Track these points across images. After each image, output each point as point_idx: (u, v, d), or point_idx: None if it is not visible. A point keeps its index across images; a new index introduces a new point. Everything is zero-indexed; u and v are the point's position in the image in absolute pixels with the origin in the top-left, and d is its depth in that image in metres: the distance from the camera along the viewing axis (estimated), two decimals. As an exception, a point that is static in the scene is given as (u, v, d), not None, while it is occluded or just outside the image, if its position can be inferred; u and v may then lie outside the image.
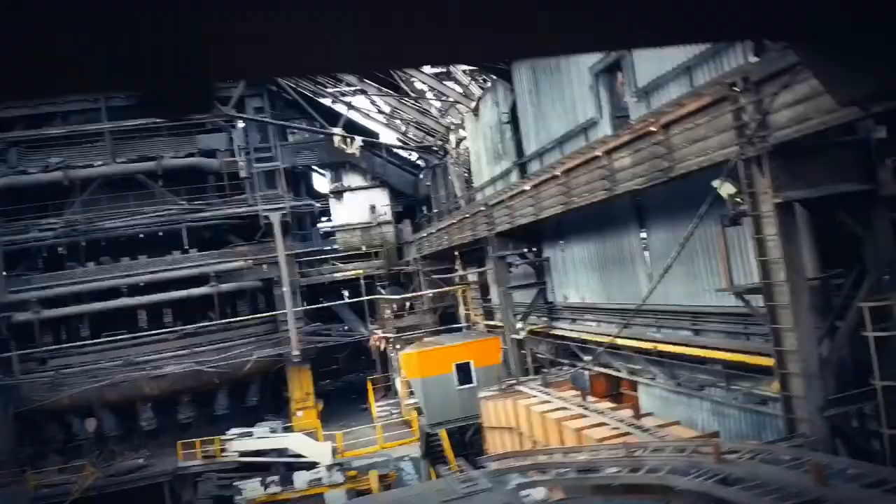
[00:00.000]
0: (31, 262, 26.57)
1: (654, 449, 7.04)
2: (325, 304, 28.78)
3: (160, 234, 27.03)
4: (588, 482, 6.62)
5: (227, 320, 26.83)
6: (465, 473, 7.96)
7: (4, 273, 25.67)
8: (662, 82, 10.77)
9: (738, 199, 8.36)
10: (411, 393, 25.20)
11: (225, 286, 26.58)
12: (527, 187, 13.55)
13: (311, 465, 23.54)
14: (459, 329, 26.38)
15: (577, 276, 14.89)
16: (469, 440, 23.38)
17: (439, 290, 25.59)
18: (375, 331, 27.94)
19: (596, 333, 14.21)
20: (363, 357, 38.11)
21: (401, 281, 29.58)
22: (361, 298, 28.53)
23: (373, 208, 30.31)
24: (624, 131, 10.14)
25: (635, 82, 11.39)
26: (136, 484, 24.93)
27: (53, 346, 25.59)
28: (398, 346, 26.54)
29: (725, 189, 8.27)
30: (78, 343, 25.55)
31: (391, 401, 27.76)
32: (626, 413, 10.17)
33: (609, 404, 11.11)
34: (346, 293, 31.18)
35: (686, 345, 11.14)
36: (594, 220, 13.47)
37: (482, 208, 16.95)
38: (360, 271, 28.94)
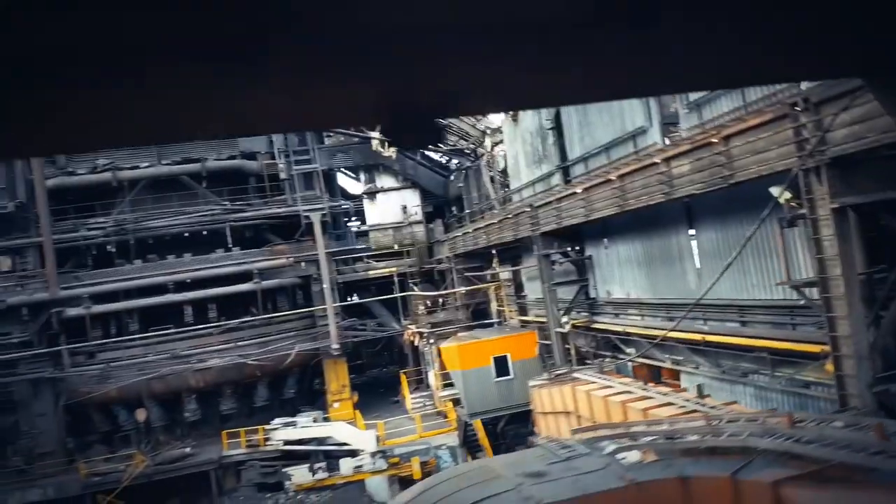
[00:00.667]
0: (80, 259, 27.73)
1: (729, 420, 8.17)
2: (361, 301, 29.94)
3: (204, 232, 28.21)
4: (677, 446, 7.74)
5: (269, 315, 27.98)
6: (560, 440, 9.05)
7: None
8: (714, 96, 11.88)
9: (794, 204, 9.50)
10: (445, 385, 26.38)
11: (267, 283, 27.71)
12: (578, 190, 14.65)
13: (351, 453, 24.71)
14: (491, 324, 27.53)
15: (621, 272, 16.00)
16: (501, 431, 24.57)
17: (473, 287, 26.69)
18: (409, 326, 29.06)
19: (641, 326, 15.34)
20: (385, 353, 39.33)
21: (433, 278, 30.71)
22: (395, 295, 29.68)
23: (404, 208, 31.47)
24: (683, 141, 11.26)
25: (687, 95, 12.50)
26: (182, 472, 26.13)
27: (103, 341, 26.74)
28: (431, 341, 27.69)
29: (783, 195, 9.41)
30: (126, 337, 26.70)
31: (423, 393, 28.88)
32: (688, 395, 11.29)
33: (667, 388, 12.23)
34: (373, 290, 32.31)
35: (734, 335, 12.26)
36: (641, 221, 14.56)
37: (527, 209, 18.04)
38: (393, 269, 30.10)
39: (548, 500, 6.97)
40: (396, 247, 31.02)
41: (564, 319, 17.00)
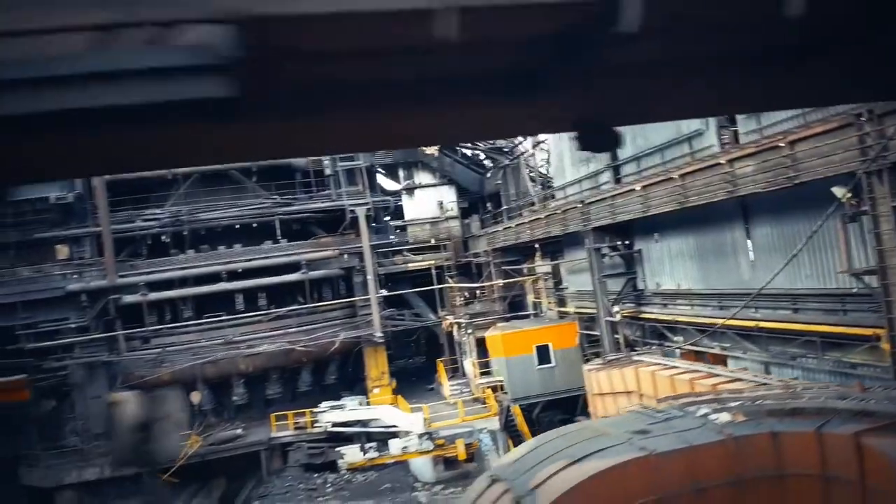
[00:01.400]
0: (136, 248, 29.02)
1: (804, 388, 9.43)
2: (401, 292, 31.22)
3: (254, 225, 29.51)
4: (763, 408, 8.99)
5: (315, 304, 29.28)
6: (653, 406, 10.27)
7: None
8: (772, 104, 13.08)
9: (853, 202, 10.75)
10: (483, 372, 27.66)
11: (313, 273, 29.00)
12: (637, 187, 15.88)
13: (393, 435, 26.03)
14: (527, 316, 28.82)
15: (672, 265, 17.24)
16: (536, 417, 25.86)
17: (513, 279, 27.95)
18: (446, 317, 30.33)
19: (691, 315, 16.58)
20: (412, 344, 40.63)
21: (471, 271, 31.98)
22: (434, 287, 30.97)
23: (441, 204, 32.74)
24: (749, 144, 12.49)
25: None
26: (233, 452, 27.49)
27: (158, 326, 28.05)
28: (469, 331, 28.98)
29: (844, 194, 10.67)
30: (181, 323, 28.01)
31: (460, 381, 30.15)
32: (752, 374, 12.54)
33: (729, 368, 13.49)
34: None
35: (786, 321, 13.49)
36: (694, 217, 15.77)
37: (578, 205, 19.27)
38: (431, 262, 31.39)
39: (661, 450, 8.23)
40: (433, 241, 32.29)
41: (616, 309, 18.24)
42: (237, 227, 29.35)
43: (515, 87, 4.27)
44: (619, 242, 18.70)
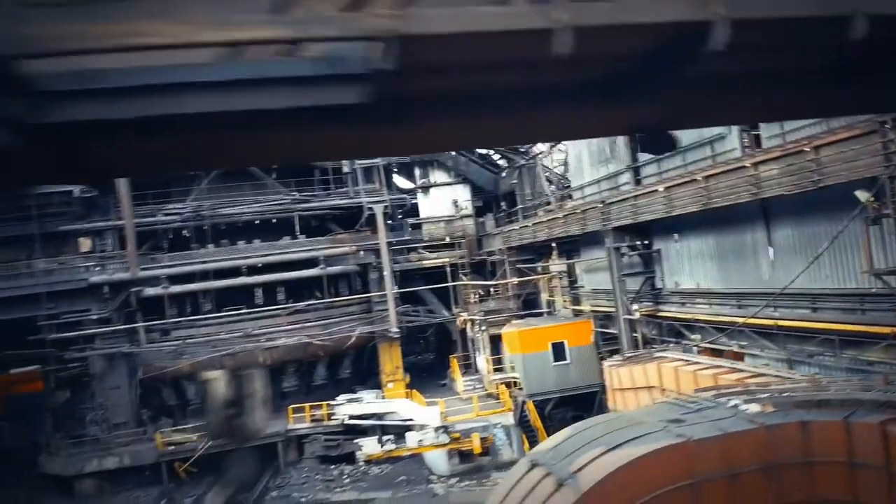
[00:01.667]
0: (157, 241, 29.53)
1: (829, 382, 9.89)
2: (415, 288, 31.72)
3: (273, 220, 30.02)
4: (792, 399, 9.45)
5: (332, 299, 29.79)
6: (684, 397, 10.72)
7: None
8: (795, 110, 13.55)
9: (875, 206, 11.21)
10: (496, 369, 28.16)
11: (331, 269, 29.49)
12: (660, 188, 16.34)
13: (408, 428, 26.54)
14: (541, 314, 29.29)
15: (691, 265, 17.71)
16: (548, 413, 26.34)
17: (527, 278, 28.42)
18: (461, 314, 30.81)
19: (709, 314, 17.05)
20: (420, 341, 41.14)
21: (486, 269, 32.47)
22: (448, 284, 31.47)
23: (455, 203, 33.23)
24: (774, 148, 12.96)
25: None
26: (251, 443, 27.95)
27: (179, 319, 28.56)
28: (483, 328, 29.46)
29: (866, 197, 11.13)
30: (202, 316, 28.52)
31: (473, 377, 30.62)
32: (775, 370, 13.01)
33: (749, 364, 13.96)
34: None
35: (805, 320, 13.95)
36: (714, 218, 16.22)
37: (599, 205, 19.74)
38: (446, 259, 31.87)
39: (697, 437, 8.70)
40: (448, 239, 32.77)
41: (635, 307, 18.70)
42: (257, 222, 29.86)
43: (601, 95, 4.77)
44: (638, 242, 19.15)
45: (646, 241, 19.28)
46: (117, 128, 3.96)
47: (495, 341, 28.98)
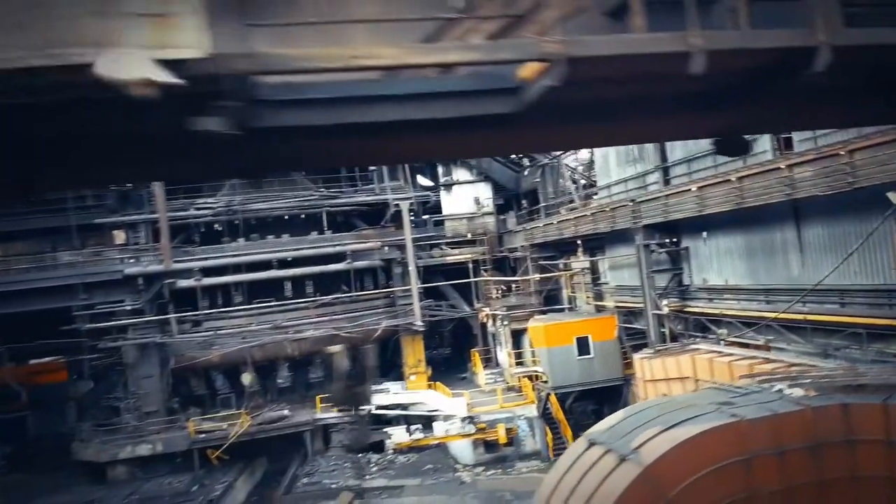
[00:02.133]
0: (189, 235, 30.32)
1: (865, 369, 10.63)
2: (438, 284, 32.47)
3: (302, 216, 30.81)
4: (832, 384, 10.20)
5: (358, 293, 30.57)
6: (726, 384, 11.46)
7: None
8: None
9: (907, 206, 11.94)
10: (519, 363, 28.90)
11: (358, 263, 30.27)
12: (693, 188, 17.06)
13: (430, 419, 27.34)
14: (562, 309, 30.01)
15: (720, 262, 18.44)
16: (569, 407, 27.08)
17: (550, 274, 29.15)
18: (483, 309, 31.56)
19: (737, 309, 17.77)
20: (435, 336, 41.83)
21: (509, 265, 33.23)
22: (470, 280, 32.23)
23: (477, 200, 33.99)
24: (808, 151, 13.69)
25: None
26: (281, 432, 28.78)
27: (210, 310, 29.34)
28: (505, 323, 30.19)
29: (897, 198, 11.86)
30: (233, 308, 29.31)
31: (494, 370, 31.36)
32: (808, 360, 13.74)
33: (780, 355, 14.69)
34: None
35: (834, 315, 14.67)
36: (743, 217, 16.93)
37: (629, 203, 20.46)
38: (468, 256, 32.65)
39: (750, 417, 9.44)
40: (469, 235, 33.54)
41: (665, 303, 19.44)
42: (286, 217, 30.65)
43: (703, 103, 5.55)
44: (667, 240, 19.86)
45: (674, 239, 19.99)
46: (314, 132, 4.72)
47: (516, 336, 29.74)
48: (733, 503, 9.35)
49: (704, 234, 18.84)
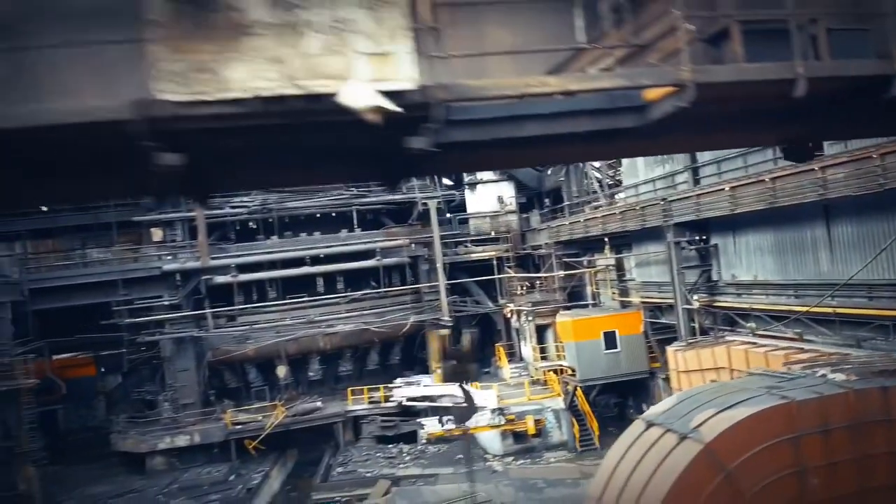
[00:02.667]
0: (224, 232, 31.28)
1: (899, 357, 11.54)
2: (463, 280, 33.40)
3: (333, 214, 31.77)
4: (871, 369, 11.10)
5: (387, 289, 31.52)
6: (769, 370, 12.36)
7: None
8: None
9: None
10: (543, 357, 29.81)
11: (387, 260, 31.22)
12: (726, 188, 17.95)
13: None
14: (586, 305, 30.91)
15: (748, 258, 19.33)
16: (593, 400, 27.99)
17: (575, 271, 30.05)
18: (507, 305, 32.47)
19: (766, 304, 18.66)
20: (456, 332, 42.81)
21: (532, 262, 34.15)
22: (494, 276, 33.17)
23: (500, 199, 34.91)
24: (841, 154, 14.56)
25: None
26: (314, 423, 29.72)
27: (245, 305, 30.29)
28: (530, 318, 31.09)
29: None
30: (268, 303, 30.27)
31: (518, 364, 32.25)
32: (841, 351, 14.63)
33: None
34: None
35: (862, 308, 15.55)
36: (773, 215, 17.79)
37: (660, 202, 21.34)
38: (492, 253, 33.59)
39: (799, 399, 10.34)
40: (493, 233, 34.47)
41: (695, 297, 20.34)
42: (318, 215, 31.63)
43: (785, 117, 6.48)
44: (697, 237, 20.75)
45: (703, 237, 20.87)
46: (473, 146, 5.64)
47: (540, 331, 30.63)
48: (783, 477, 10.26)
49: (734, 231, 19.71)
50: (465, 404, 9.99)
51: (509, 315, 32.25)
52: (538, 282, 32.04)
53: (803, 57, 5.42)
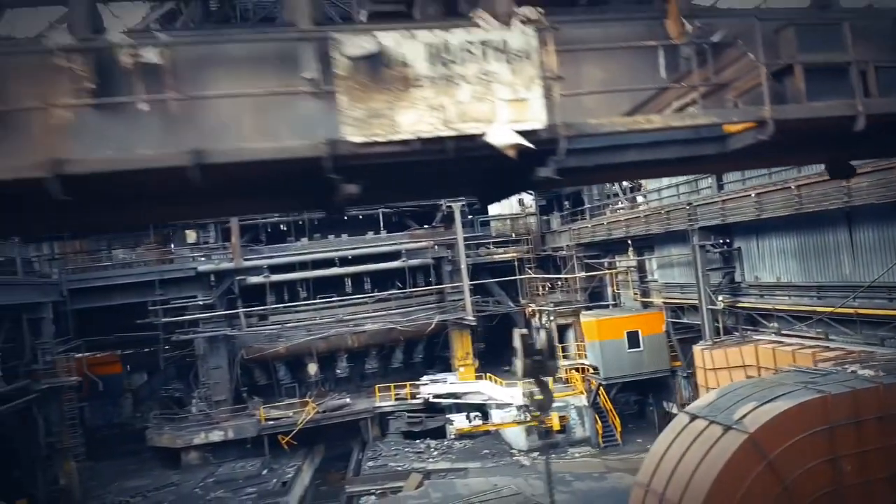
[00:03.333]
0: (255, 234, 32.27)
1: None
2: (486, 281, 34.34)
3: (360, 216, 32.73)
4: (899, 366, 12.02)
5: (412, 289, 32.49)
6: (806, 366, 13.27)
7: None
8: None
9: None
10: (564, 356, 30.70)
11: (412, 261, 32.18)
12: (752, 194, 18.86)
13: (479, 407, 29.18)
14: (606, 306, 31.83)
15: (772, 261, 20.24)
16: (613, 397, 28.89)
17: (596, 272, 30.96)
18: (529, 304, 33.40)
19: (788, 304, 19.56)
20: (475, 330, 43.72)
21: (553, 263, 35.08)
22: (516, 277, 34.13)
23: (521, 201, 35.84)
24: (865, 164, 15.46)
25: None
26: (343, 419, 30.69)
27: (276, 305, 31.28)
28: (551, 318, 31.99)
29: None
30: (299, 303, 31.26)
31: (539, 363, 33.15)
32: (864, 349, 15.54)
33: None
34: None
35: (883, 309, 16.45)
36: (796, 220, 18.70)
37: (686, 206, 22.25)
38: (513, 254, 34.53)
39: (834, 392, 11.27)
40: (514, 235, 35.41)
41: (720, 299, 21.25)
42: (345, 217, 32.49)
43: (837, 143, 7.40)
44: (721, 240, 21.67)
45: (727, 240, 21.78)
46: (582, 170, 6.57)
47: (561, 331, 31.54)
48: (819, 464, 11.19)
49: (757, 235, 20.62)
50: (543, 396, 10.90)
51: (530, 315, 33.16)
52: (559, 282, 32.94)
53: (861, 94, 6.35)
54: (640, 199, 29.66)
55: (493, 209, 36.20)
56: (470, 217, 36.99)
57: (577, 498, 22.16)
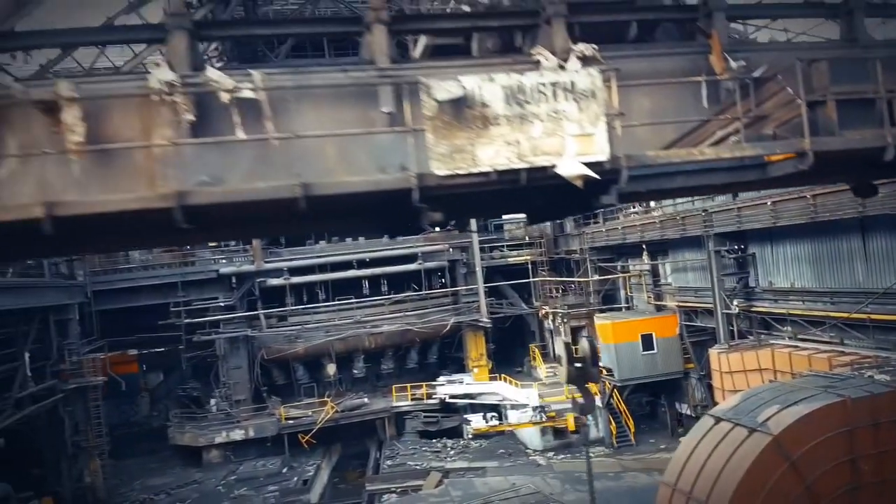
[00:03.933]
0: (274, 237, 32.86)
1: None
2: (500, 283, 34.96)
3: (377, 219, 33.29)
4: (916, 369, 12.59)
5: (428, 291, 33.11)
6: (824, 371, 13.86)
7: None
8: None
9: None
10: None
11: (428, 264, 32.80)
12: (768, 202, 19.43)
13: (494, 407, 29.79)
14: (619, 308, 32.40)
15: (786, 267, 20.81)
16: (625, 398, 29.46)
17: (610, 275, 31.55)
18: (542, 306, 34.00)
19: (802, 309, 20.13)
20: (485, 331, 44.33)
21: (565, 266, 35.69)
22: (529, 280, 34.72)
23: (534, 205, 36.41)
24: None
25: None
26: (361, 419, 31.33)
27: (295, 307, 31.90)
28: (565, 320, 32.60)
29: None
30: (316, 304, 31.89)
31: (551, 364, 33.77)
32: (879, 354, 16.12)
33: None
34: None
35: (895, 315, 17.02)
36: (810, 228, 19.26)
37: (701, 213, 22.82)
38: (527, 257, 35.13)
39: (854, 396, 11.85)
40: (527, 238, 36.00)
41: (735, 303, 21.82)
42: (363, 221, 33.13)
43: (856, 167, 7.95)
44: (735, 246, 22.24)
45: (742, 246, 22.35)
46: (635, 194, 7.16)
47: (574, 332, 32.09)
48: (839, 464, 11.77)
49: (772, 241, 21.19)
50: (584, 399, 11.40)
51: (544, 317, 33.76)
52: (572, 285, 33.53)
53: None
54: (653, 204, 30.16)
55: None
56: (484, 221, 37.57)
57: (596, 497, 22.69)
